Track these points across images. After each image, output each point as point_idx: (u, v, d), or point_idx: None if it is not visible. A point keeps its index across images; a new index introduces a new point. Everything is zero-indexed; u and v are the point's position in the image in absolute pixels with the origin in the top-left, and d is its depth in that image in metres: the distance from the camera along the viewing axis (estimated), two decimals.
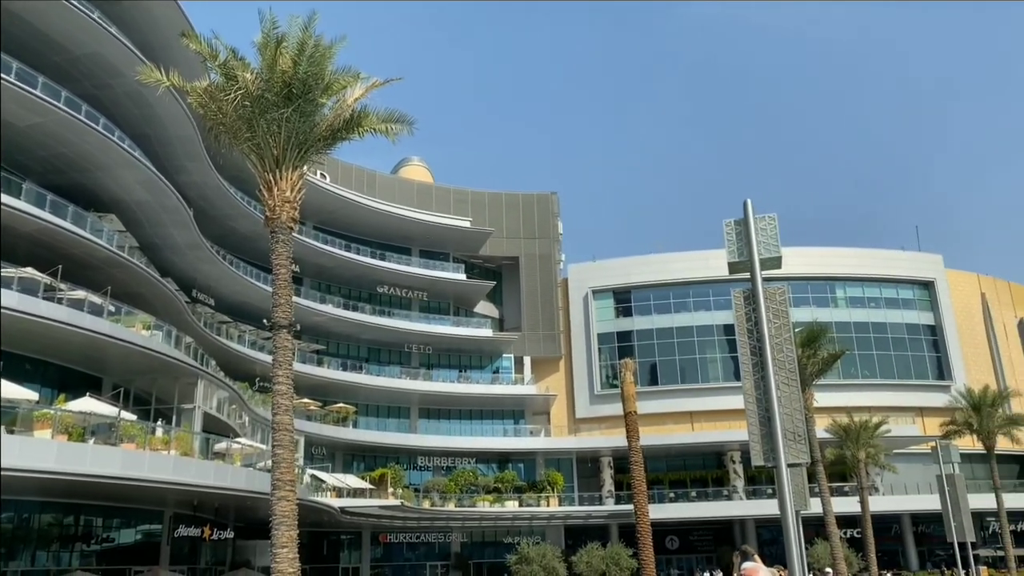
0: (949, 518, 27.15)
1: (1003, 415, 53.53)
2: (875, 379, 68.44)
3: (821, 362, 39.94)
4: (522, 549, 41.13)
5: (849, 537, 51.33)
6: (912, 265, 73.95)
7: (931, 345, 72.32)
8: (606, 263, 74.16)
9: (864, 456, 46.11)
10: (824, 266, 71.12)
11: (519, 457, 66.01)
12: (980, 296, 78.50)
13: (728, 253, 10.23)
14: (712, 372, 68.20)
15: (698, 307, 69.86)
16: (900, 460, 57.59)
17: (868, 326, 70.76)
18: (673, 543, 62.98)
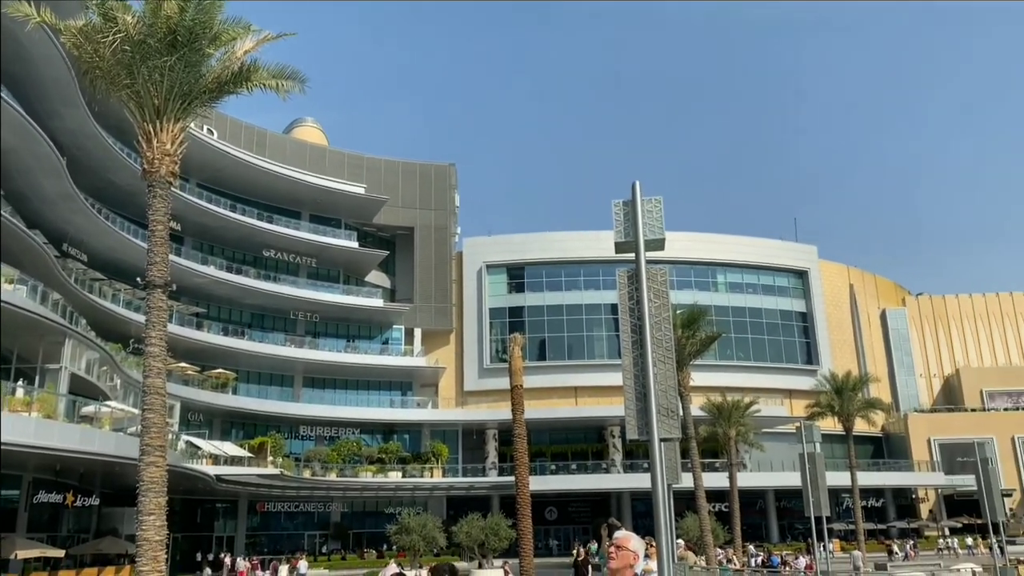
0: (808, 494, 28.92)
1: (862, 399, 57.32)
2: (749, 361, 71.86)
3: (699, 343, 41.52)
4: (403, 519, 41.10)
5: (717, 511, 53.91)
6: (788, 255, 77.79)
7: (802, 331, 76.49)
8: (501, 238, 74.51)
9: (735, 434, 48.40)
10: (707, 252, 73.84)
11: (405, 428, 65.92)
12: (849, 287, 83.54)
13: (615, 233, 10.40)
14: (598, 349, 69.89)
15: (588, 286, 71.27)
16: (768, 439, 60.86)
17: (745, 311, 74.13)
18: (552, 514, 64.54)
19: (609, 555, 5.20)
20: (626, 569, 5.09)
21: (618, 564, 5.10)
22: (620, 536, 5.22)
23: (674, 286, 67.39)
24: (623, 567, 5.09)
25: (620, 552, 5.11)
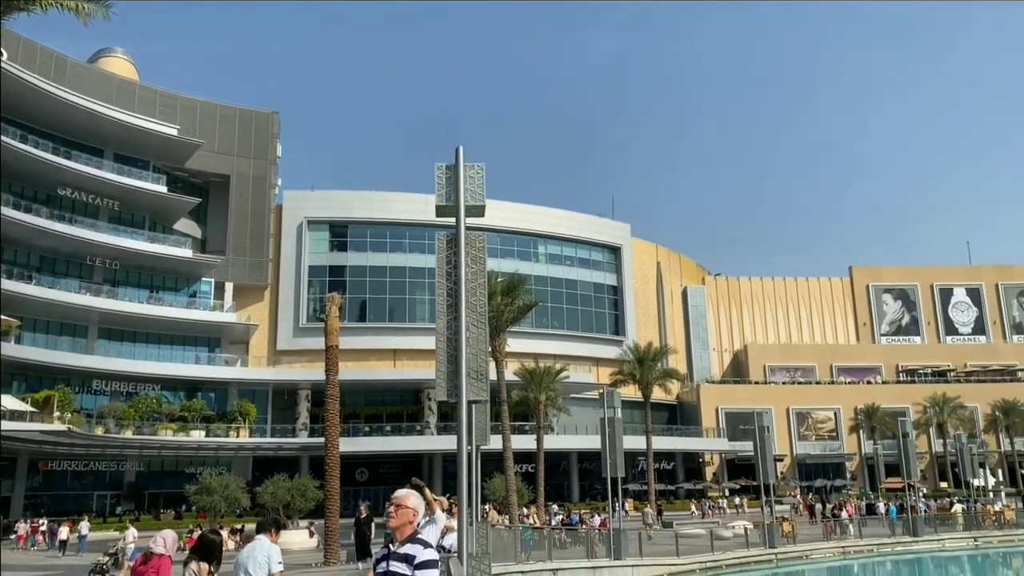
0: (607, 456, 30.71)
1: (661, 369, 61.44)
2: (562, 330, 74.78)
3: (517, 310, 42.67)
4: (204, 479, 39.47)
5: (524, 472, 56.01)
6: (605, 231, 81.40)
7: (612, 304, 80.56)
8: (325, 194, 72.38)
9: (544, 398, 50.38)
10: (531, 223, 75.69)
11: (211, 386, 62.98)
12: (656, 265, 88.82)
13: (437, 196, 10.45)
14: (420, 313, 69.99)
15: (414, 249, 70.96)
16: (574, 404, 63.80)
17: (562, 282, 76.93)
18: (363, 475, 64.34)
19: (389, 514, 5.32)
20: (406, 526, 5.23)
21: (397, 522, 5.23)
22: (399, 495, 5.32)
23: (497, 254, 68.64)
24: (402, 524, 5.22)
25: (399, 511, 5.24)
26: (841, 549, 38.36)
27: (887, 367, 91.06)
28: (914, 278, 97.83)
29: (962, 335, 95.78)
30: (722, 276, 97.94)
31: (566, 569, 27.28)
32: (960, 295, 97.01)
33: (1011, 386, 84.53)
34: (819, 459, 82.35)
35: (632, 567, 29.63)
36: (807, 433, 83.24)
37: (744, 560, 34.05)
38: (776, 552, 35.30)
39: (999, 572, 38.53)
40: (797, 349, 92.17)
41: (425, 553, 5.07)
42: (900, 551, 39.96)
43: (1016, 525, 46.48)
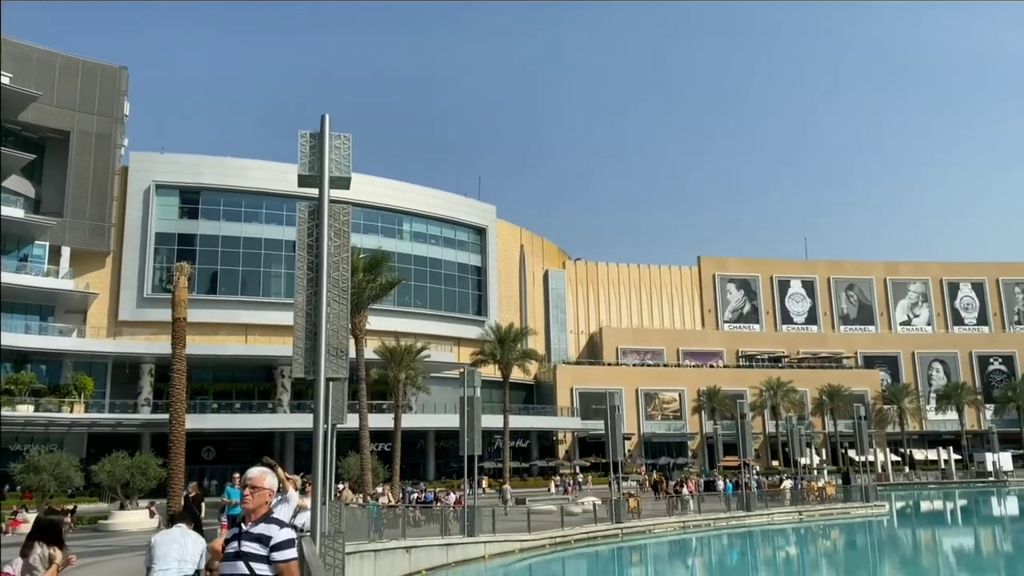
0: (464, 434, 30.94)
1: (520, 350, 62.46)
2: (425, 309, 74.50)
3: (379, 288, 42.13)
4: (31, 457, 36.65)
5: (380, 450, 55.63)
6: (471, 211, 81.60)
7: (475, 284, 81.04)
8: (175, 157, 68.33)
9: (404, 377, 50.12)
10: (397, 199, 74.72)
11: (42, 358, 58.36)
12: (520, 247, 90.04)
13: (300, 165, 10.05)
14: (275, 287, 67.70)
15: (270, 219, 68.41)
16: (434, 383, 63.86)
17: (426, 260, 76.55)
18: (210, 453, 61.80)
19: (244, 496, 5.19)
20: (262, 507, 5.11)
21: (254, 504, 5.11)
22: (254, 475, 5.18)
23: (361, 230, 67.33)
24: (259, 506, 5.10)
25: (256, 492, 5.12)
26: (682, 524, 40.55)
27: (729, 352, 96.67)
28: (756, 270, 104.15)
29: (796, 324, 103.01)
30: (582, 261, 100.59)
31: (420, 547, 27.32)
32: (796, 287, 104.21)
33: (837, 372, 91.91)
34: (664, 438, 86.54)
35: (485, 543, 30.09)
36: (654, 413, 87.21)
37: (592, 535, 35.35)
38: (622, 527, 36.86)
39: (819, 543, 41.91)
40: (648, 333, 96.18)
41: (281, 533, 4.97)
42: (735, 525, 42.70)
43: (835, 500, 50.76)
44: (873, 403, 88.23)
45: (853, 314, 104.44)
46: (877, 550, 39.82)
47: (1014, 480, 77.92)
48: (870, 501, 50.12)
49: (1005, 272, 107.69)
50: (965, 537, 46.57)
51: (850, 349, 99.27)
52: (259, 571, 4.88)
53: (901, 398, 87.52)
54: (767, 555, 37.85)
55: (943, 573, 32.75)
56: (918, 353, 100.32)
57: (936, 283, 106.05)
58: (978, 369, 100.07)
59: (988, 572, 33.10)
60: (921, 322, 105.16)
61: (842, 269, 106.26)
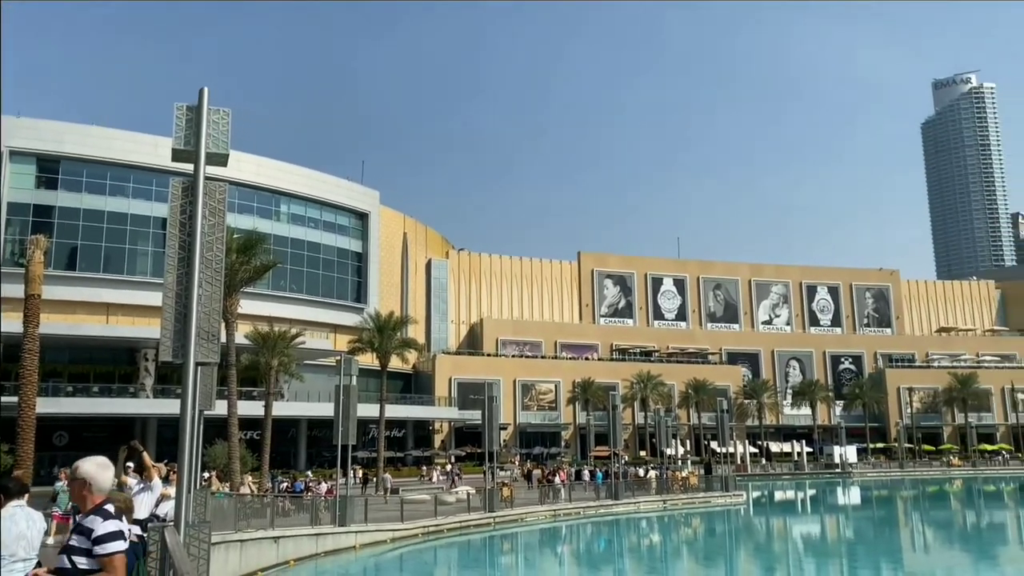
0: (339, 423, 30.44)
1: (400, 339, 61.88)
2: (302, 294, 72.63)
3: (254, 270, 40.70)
4: None
5: (250, 438, 53.85)
6: (353, 196, 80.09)
7: (355, 271, 79.68)
8: (32, 122, 63.59)
9: (277, 364, 48.65)
10: (275, 180, 72.39)
11: None
12: (403, 235, 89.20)
13: (175, 139, 9.57)
14: (141, 265, 64.28)
15: (138, 194, 64.84)
16: (309, 370, 62.38)
17: (304, 244, 74.59)
18: (62, 439, 58.03)
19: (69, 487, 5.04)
20: (85, 498, 4.91)
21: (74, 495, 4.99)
22: (75, 466, 4.97)
23: (235, 209, 64.86)
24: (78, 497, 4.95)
25: (72, 483, 4.94)
26: (553, 512, 41.45)
27: (603, 345, 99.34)
28: (632, 266, 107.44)
29: (667, 320, 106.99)
30: (465, 251, 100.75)
31: (288, 537, 26.72)
32: (668, 285, 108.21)
33: (703, 367, 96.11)
34: (539, 428, 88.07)
35: (356, 533, 29.75)
36: (530, 403, 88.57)
37: (465, 523, 35.58)
38: (495, 516, 37.29)
39: (681, 531, 43.81)
40: (528, 325, 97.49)
41: (105, 526, 4.72)
42: (603, 513, 44.03)
43: (698, 489, 53.19)
44: (735, 397, 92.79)
45: (720, 312, 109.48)
46: (734, 537, 42.04)
47: (857, 472, 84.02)
48: (729, 491, 52.81)
49: (857, 278, 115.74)
50: (812, 524, 49.89)
51: (716, 346, 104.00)
52: (80, 565, 4.64)
53: (761, 393, 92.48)
54: (632, 542, 39.24)
55: (792, 557, 34.94)
56: (777, 351, 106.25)
57: (796, 286, 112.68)
58: (830, 368, 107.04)
59: (831, 556, 35.57)
60: (781, 322, 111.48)
61: (711, 269, 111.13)
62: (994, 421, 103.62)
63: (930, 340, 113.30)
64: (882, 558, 33.82)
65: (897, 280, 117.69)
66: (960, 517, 53.54)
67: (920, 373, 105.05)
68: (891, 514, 56.10)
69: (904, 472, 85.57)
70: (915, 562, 33.45)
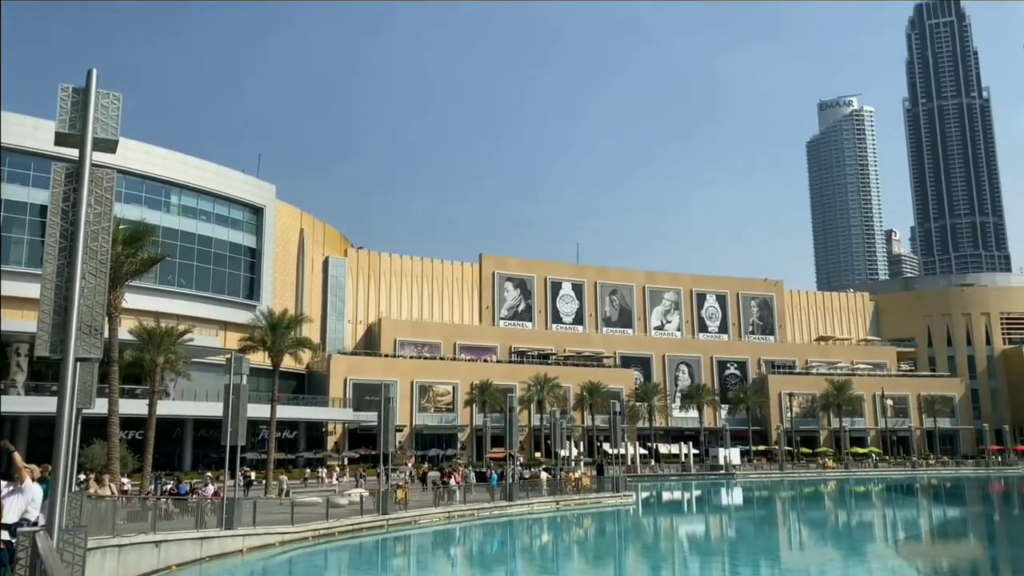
0: (228, 424, 29.48)
1: (294, 337, 60.43)
2: (191, 289, 69.97)
3: (140, 263, 38.98)
4: None
5: (131, 438, 51.46)
6: (248, 189, 77.75)
7: (248, 266, 77.34)
8: None
9: (163, 361, 46.67)
10: (166, 170, 69.53)
11: None
12: (300, 231, 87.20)
13: (59, 122, 9.08)
14: (16, 254, 60.43)
15: (13, 179, 60.98)
16: (197, 369, 60.08)
17: (195, 237, 71.88)
18: None
19: None
20: None
21: None
22: None
23: (122, 199, 61.96)
24: None
25: None
26: (447, 514, 41.39)
27: (502, 348, 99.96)
28: (532, 270, 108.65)
29: (565, 324, 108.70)
30: (364, 249, 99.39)
31: (171, 541, 25.69)
32: (567, 289, 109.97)
33: (598, 370, 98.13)
34: (436, 429, 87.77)
35: (244, 536, 28.89)
36: (427, 405, 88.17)
37: (357, 526, 35.10)
38: (388, 518, 36.94)
39: (573, 531, 44.56)
40: (427, 326, 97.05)
41: None
42: (497, 514, 44.29)
43: (590, 490, 54.24)
44: (627, 400, 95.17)
45: (615, 317, 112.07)
46: (623, 536, 43.09)
47: (740, 473, 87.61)
48: (620, 491, 54.09)
49: (744, 287, 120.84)
50: (697, 524, 51.68)
51: (610, 349, 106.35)
52: None
53: (651, 396, 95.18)
54: (524, 543, 39.63)
55: (676, 556, 36.10)
56: (668, 355, 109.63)
57: (687, 293, 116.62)
58: (717, 372, 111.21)
59: (713, 554, 36.96)
60: (672, 327, 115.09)
61: (608, 275, 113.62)
62: (866, 426, 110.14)
63: (809, 348, 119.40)
64: (761, 556, 35.39)
65: (781, 290, 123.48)
66: (832, 516, 56.60)
67: (800, 379, 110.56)
68: (770, 514, 58.75)
69: (783, 474, 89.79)
70: (791, 559, 35.16)
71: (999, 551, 38.44)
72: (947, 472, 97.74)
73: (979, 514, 58.20)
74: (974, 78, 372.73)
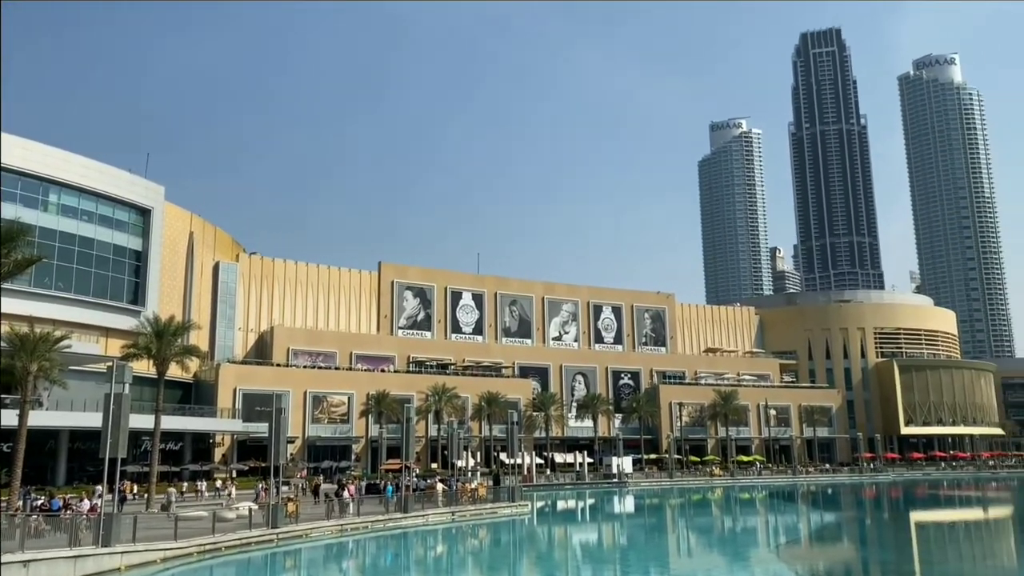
0: (108, 435, 28.03)
1: (181, 345, 58.03)
2: (69, 293, 66.21)
3: (14, 264, 36.66)
4: None
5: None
6: (136, 190, 74.29)
7: (133, 270, 73.82)
8: None
9: (36, 369, 43.89)
10: (45, 166, 65.69)
11: None
12: (190, 235, 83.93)
13: None
14: None
15: None
16: (75, 377, 56.87)
17: (75, 239, 68.11)
18: None
19: None
20: None
21: None
22: None
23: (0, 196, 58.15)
24: None
25: None
26: (340, 527, 40.59)
27: (400, 357, 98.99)
28: (432, 279, 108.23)
29: (465, 334, 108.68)
30: (257, 255, 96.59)
31: (41, 560, 24.18)
32: (467, 299, 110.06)
33: (496, 380, 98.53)
34: (329, 441, 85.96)
35: (122, 553, 27.53)
36: (321, 416, 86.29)
37: (246, 541, 33.99)
38: (278, 532, 35.93)
39: (467, 541, 44.48)
40: (322, 335, 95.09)
41: None
42: (391, 526, 43.76)
43: (486, 500, 54.31)
44: (525, 410, 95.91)
45: (514, 328, 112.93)
46: (517, 546, 43.33)
47: (632, 481, 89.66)
48: (516, 501, 54.41)
49: (638, 300, 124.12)
50: (590, 532, 52.57)
51: (509, 360, 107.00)
52: None
53: (548, 406, 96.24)
54: (419, 555, 39.29)
55: (569, 564, 36.58)
56: (565, 366, 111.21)
57: (584, 305, 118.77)
58: (612, 383, 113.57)
59: (605, 562, 37.67)
60: (570, 338, 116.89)
61: (508, 286, 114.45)
62: (750, 435, 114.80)
63: (699, 359, 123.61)
64: (650, 563, 36.31)
65: (673, 303, 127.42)
66: (719, 523, 58.68)
67: (689, 389, 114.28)
68: (660, 521, 60.36)
69: (673, 481, 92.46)
70: (679, 565, 36.22)
71: (870, 553, 40.75)
72: (824, 479, 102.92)
73: (852, 519, 61.59)
74: (853, 106, 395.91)
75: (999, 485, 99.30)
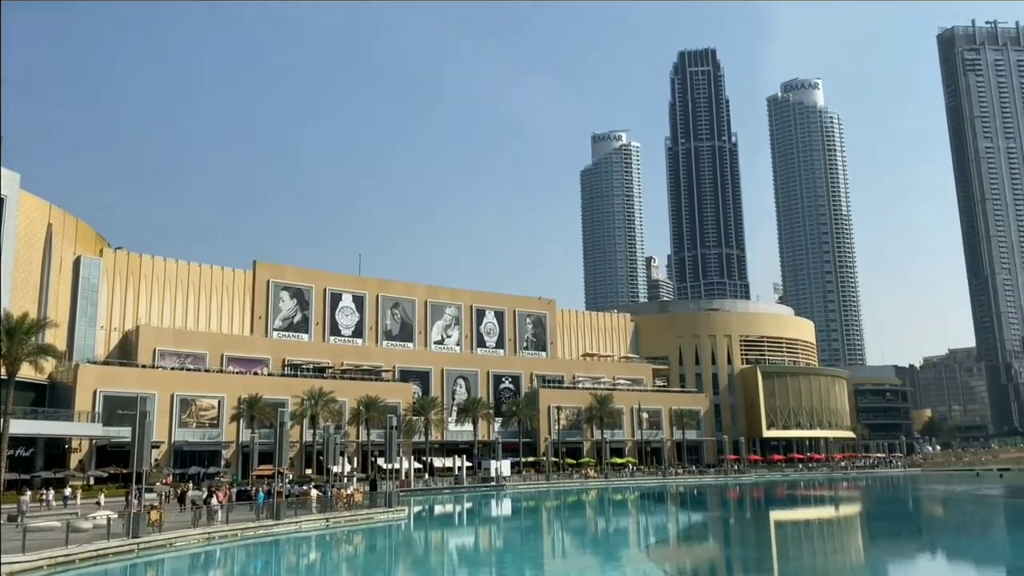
0: None
1: (35, 344, 54.24)
2: None
3: None
4: None
5: None
6: None
7: None
8: None
9: None
10: None
11: None
12: (48, 226, 78.53)
13: None
14: None
15: None
16: None
17: None
18: None
19: None
20: None
21: None
22: None
23: None
24: None
25: None
26: (207, 535, 38.91)
27: (275, 360, 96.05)
28: (311, 280, 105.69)
29: (344, 336, 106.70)
30: (123, 250, 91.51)
31: None
32: (347, 301, 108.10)
33: (375, 384, 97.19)
34: (197, 446, 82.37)
35: None
36: (188, 420, 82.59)
37: (103, 552, 32.08)
38: (139, 542, 34.10)
39: (341, 548, 43.61)
40: (191, 335, 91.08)
41: None
42: (262, 534, 42.32)
43: (362, 506, 53.42)
44: (405, 414, 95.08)
45: (396, 330, 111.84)
46: (392, 552, 42.88)
47: (509, 484, 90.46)
48: (392, 506, 53.79)
49: (520, 304, 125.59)
50: (466, 536, 52.67)
51: (390, 363, 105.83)
52: None
53: (429, 410, 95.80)
54: (290, 563, 38.19)
55: (445, 568, 36.51)
56: (447, 370, 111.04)
57: (467, 309, 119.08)
58: (493, 386, 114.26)
59: (480, 564, 37.83)
60: (452, 342, 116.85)
61: (390, 288, 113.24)
62: (624, 437, 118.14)
63: (577, 364, 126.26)
64: (525, 564, 36.73)
65: (554, 309, 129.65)
66: (592, 524, 60.05)
67: (567, 393, 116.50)
68: (535, 523, 61.19)
69: (550, 484, 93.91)
70: (553, 566, 36.82)
71: (733, 551, 42.74)
72: (692, 480, 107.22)
73: (718, 518, 64.43)
74: (726, 124, 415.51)
75: (849, 485, 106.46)
